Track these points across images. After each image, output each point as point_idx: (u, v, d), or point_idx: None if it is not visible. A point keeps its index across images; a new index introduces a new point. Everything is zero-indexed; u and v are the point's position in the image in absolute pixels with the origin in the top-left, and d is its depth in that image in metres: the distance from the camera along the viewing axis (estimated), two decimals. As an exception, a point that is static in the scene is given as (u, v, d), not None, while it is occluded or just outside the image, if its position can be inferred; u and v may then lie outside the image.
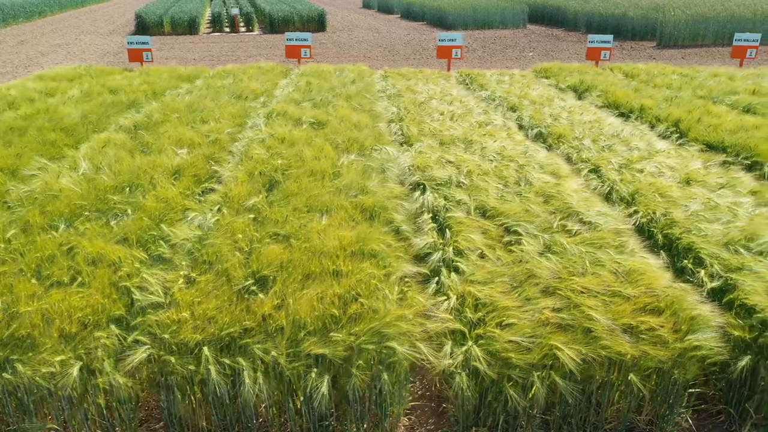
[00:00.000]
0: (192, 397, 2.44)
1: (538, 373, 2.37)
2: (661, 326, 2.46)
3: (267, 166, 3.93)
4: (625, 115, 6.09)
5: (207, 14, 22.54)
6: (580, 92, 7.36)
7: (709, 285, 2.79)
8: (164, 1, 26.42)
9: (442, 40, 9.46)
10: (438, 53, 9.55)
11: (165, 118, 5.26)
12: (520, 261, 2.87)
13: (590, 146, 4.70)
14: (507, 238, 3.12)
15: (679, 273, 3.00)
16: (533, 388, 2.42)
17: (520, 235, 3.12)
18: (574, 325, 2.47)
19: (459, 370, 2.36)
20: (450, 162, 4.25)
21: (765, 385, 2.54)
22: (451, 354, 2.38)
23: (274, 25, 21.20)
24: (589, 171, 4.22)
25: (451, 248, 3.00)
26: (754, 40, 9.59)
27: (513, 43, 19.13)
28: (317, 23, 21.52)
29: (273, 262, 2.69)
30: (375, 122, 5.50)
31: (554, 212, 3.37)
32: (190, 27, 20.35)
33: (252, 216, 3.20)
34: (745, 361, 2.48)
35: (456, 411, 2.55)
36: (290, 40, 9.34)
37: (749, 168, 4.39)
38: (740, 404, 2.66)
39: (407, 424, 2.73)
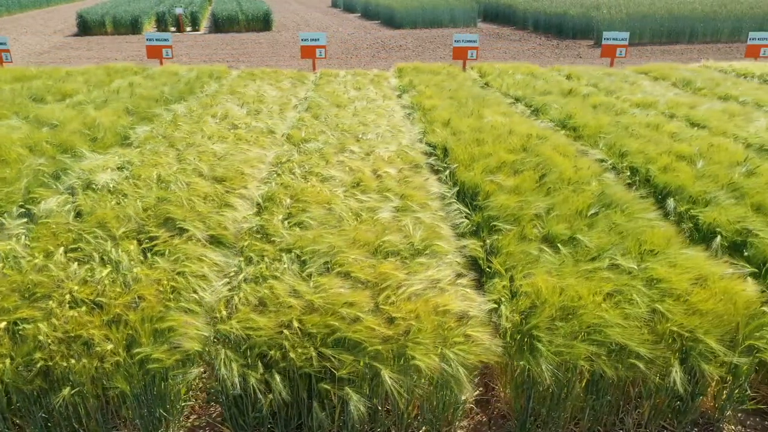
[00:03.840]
0: None
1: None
2: (108, 338, 2.40)
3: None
4: (411, 116, 5.99)
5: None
6: (404, 92, 7.28)
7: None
8: (118, 0, 26.40)
9: (305, 40, 9.39)
10: (301, 53, 9.48)
11: None
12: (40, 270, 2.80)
13: (308, 149, 4.62)
14: (72, 246, 3.05)
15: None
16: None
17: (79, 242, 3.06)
18: (26, 336, 2.42)
19: None
20: (139, 163, 4.19)
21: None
22: None
23: (218, 25, 21.18)
24: (274, 174, 4.15)
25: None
26: (622, 39, 9.45)
27: (451, 42, 18.97)
28: (263, 22, 21.48)
29: None
30: (134, 124, 5.46)
31: (152, 217, 3.31)
32: (132, 27, 20.35)
33: None
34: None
35: None
36: (150, 40, 9.30)
37: (439, 171, 4.30)
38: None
39: None
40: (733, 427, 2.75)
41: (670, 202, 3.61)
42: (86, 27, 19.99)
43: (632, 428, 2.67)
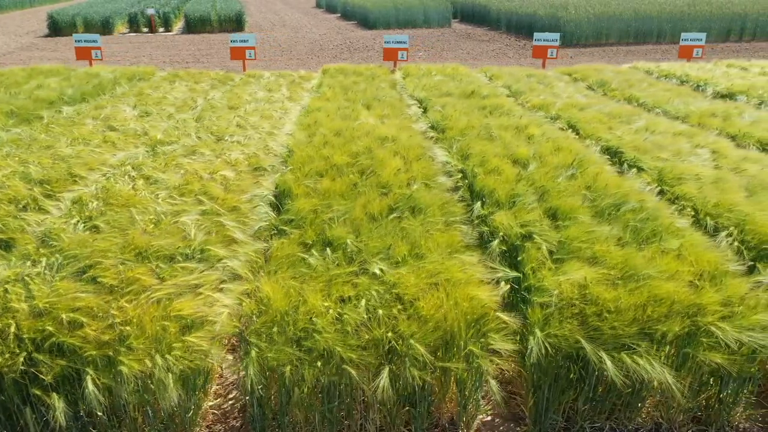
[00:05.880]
0: None
1: None
2: None
3: None
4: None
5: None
6: (314, 93, 7.28)
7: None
8: (96, 1, 26.46)
9: (234, 41, 9.40)
10: (231, 55, 9.49)
11: None
12: None
13: (162, 151, 4.62)
14: None
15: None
16: None
17: None
18: None
19: None
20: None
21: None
22: None
23: (190, 25, 21.20)
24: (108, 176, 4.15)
25: None
26: (553, 40, 9.41)
27: (419, 42, 18.94)
28: (235, 22, 21.48)
29: None
30: (13, 126, 5.48)
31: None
32: (104, 28, 20.38)
33: None
34: None
35: None
36: (78, 41, 9.32)
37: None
38: None
39: None
40: (474, 433, 2.73)
41: (477, 206, 3.59)
42: (57, 28, 20.05)
43: (374, 434, 2.66)
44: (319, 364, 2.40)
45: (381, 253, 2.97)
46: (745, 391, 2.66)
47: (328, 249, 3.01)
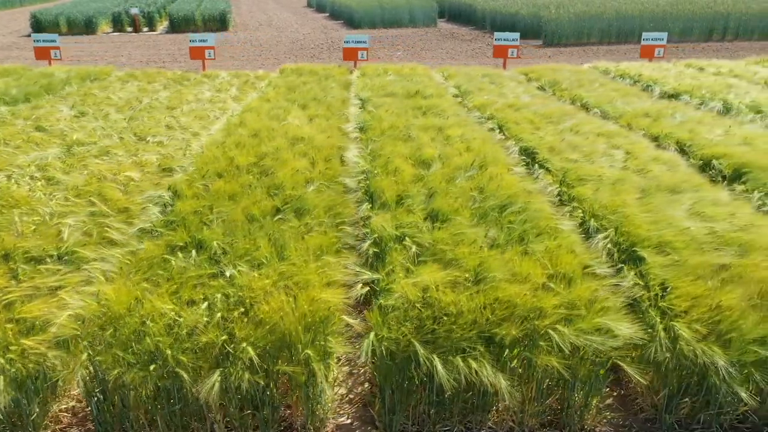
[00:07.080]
0: None
1: None
2: None
3: None
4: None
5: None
6: (264, 90, 7.28)
7: None
8: (86, 2, 26.49)
9: (193, 41, 9.39)
10: (191, 54, 9.48)
11: None
12: None
13: (76, 152, 4.62)
14: None
15: None
16: None
17: None
18: None
19: None
20: None
21: None
22: None
23: (174, 25, 21.20)
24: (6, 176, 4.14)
25: None
26: (513, 40, 9.38)
27: (399, 42, 18.93)
28: (219, 22, 21.47)
29: None
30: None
31: None
32: (87, 27, 20.42)
33: None
34: None
35: None
36: (37, 42, 9.34)
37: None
38: None
39: None
40: (325, 436, 2.71)
41: (364, 207, 3.57)
42: (40, 27, 20.01)
43: (222, 437, 2.64)
44: (151, 367, 2.39)
45: (247, 255, 2.95)
46: (595, 394, 2.63)
47: (194, 251, 2.99)
